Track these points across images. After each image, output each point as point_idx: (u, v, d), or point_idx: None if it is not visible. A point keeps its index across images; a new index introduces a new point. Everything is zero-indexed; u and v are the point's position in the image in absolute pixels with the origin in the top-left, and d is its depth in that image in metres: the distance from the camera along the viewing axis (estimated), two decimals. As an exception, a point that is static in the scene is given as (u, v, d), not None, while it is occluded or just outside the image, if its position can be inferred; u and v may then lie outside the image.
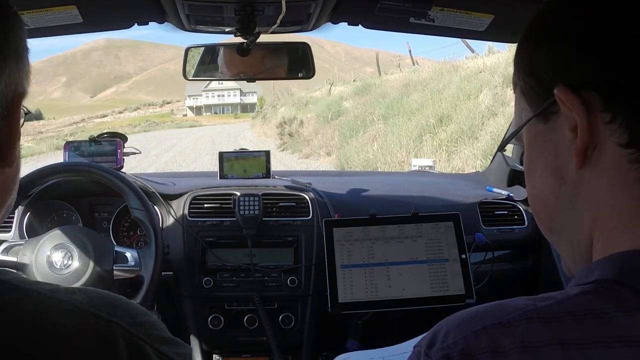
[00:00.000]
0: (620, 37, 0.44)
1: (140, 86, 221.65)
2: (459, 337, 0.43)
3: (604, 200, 0.46)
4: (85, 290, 0.52)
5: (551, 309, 0.42)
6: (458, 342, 0.42)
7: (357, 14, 1.27)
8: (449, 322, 0.45)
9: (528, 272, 1.71)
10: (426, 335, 0.46)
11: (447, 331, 0.44)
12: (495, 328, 0.42)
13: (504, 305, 0.44)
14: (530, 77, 0.50)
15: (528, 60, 0.51)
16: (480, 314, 0.44)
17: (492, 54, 10.97)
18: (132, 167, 4.09)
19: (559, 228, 0.51)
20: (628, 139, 0.44)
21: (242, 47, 1.34)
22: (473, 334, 0.42)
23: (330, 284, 1.42)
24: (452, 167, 7.43)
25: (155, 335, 0.52)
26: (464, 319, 0.44)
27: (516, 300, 0.44)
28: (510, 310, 0.43)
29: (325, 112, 14.96)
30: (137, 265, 1.39)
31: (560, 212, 0.50)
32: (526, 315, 0.42)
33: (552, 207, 0.50)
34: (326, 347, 1.50)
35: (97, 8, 1.19)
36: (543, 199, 0.51)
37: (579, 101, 0.45)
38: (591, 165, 0.46)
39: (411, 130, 9.19)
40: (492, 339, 0.41)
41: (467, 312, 0.45)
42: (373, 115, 11.82)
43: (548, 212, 0.51)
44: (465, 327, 0.43)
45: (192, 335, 1.55)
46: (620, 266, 0.43)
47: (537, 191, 0.52)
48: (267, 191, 1.64)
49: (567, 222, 0.50)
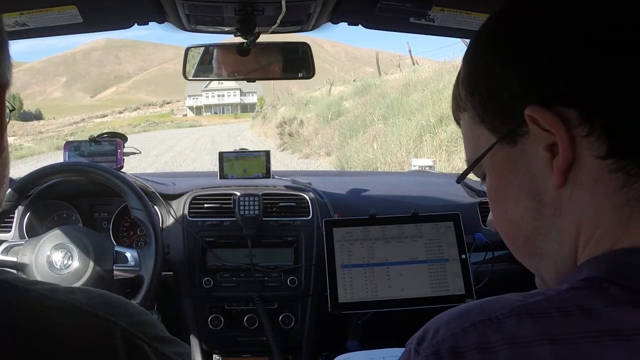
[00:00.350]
0: (589, 45, 0.43)
1: (140, 86, 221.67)
2: (448, 334, 0.43)
3: (586, 214, 0.45)
4: (84, 290, 0.52)
5: (540, 305, 0.42)
6: (447, 339, 0.42)
7: (357, 14, 1.27)
8: (439, 319, 0.45)
9: (528, 272, 1.70)
10: (417, 332, 0.46)
11: (437, 328, 0.44)
12: (484, 324, 0.42)
13: (493, 301, 0.44)
14: (489, 101, 0.48)
15: (484, 82, 0.48)
16: (469, 310, 0.44)
17: (492, 54, 10.96)
18: (132, 167, 4.09)
19: (539, 252, 0.50)
20: (607, 150, 0.43)
21: (242, 47, 1.34)
22: (462, 331, 0.42)
23: (330, 284, 1.42)
24: (452, 167, 7.43)
25: (153, 335, 0.52)
26: (454, 316, 0.44)
27: (505, 297, 0.44)
28: (499, 307, 0.43)
29: (325, 112, 14.97)
30: (137, 265, 1.39)
31: (541, 235, 0.48)
32: (515, 311, 0.42)
33: (532, 231, 0.49)
34: (326, 347, 1.50)
35: (97, 8, 1.19)
36: (519, 224, 0.50)
37: (556, 119, 0.44)
38: (571, 182, 0.45)
39: (411, 130, 9.20)
40: (480, 335, 0.41)
41: (457, 309, 0.45)
42: (373, 115, 11.83)
43: (527, 237, 0.50)
44: (455, 324, 0.43)
45: (192, 335, 1.55)
46: (608, 265, 0.43)
47: (511, 216, 0.50)
48: (267, 191, 1.64)
49: (549, 244, 0.48)
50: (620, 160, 0.43)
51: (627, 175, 0.43)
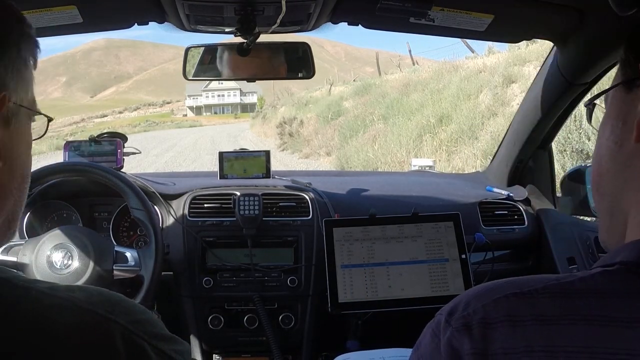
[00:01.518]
0: None
1: (140, 86, 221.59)
2: (479, 305, 0.44)
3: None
4: (84, 288, 0.52)
5: (574, 285, 0.43)
6: (478, 311, 0.43)
7: (357, 14, 1.27)
8: (470, 293, 0.47)
9: (528, 272, 1.71)
10: (447, 305, 0.47)
11: (468, 301, 0.45)
12: (517, 296, 0.43)
13: (527, 277, 0.46)
14: (629, 50, 0.53)
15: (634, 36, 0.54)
16: (502, 284, 0.45)
17: (492, 54, 10.97)
18: (132, 167, 4.08)
19: (605, 191, 0.53)
20: None
21: (242, 47, 1.34)
22: (493, 302, 0.43)
23: (330, 284, 1.42)
24: (452, 167, 7.43)
25: (153, 333, 0.52)
26: (485, 289, 0.46)
27: (540, 275, 0.46)
28: (533, 283, 0.44)
29: (325, 112, 14.96)
30: (137, 265, 1.39)
31: (611, 176, 0.52)
32: (548, 289, 0.43)
33: (605, 169, 0.52)
34: (326, 347, 1.50)
35: (97, 8, 1.19)
36: (600, 160, 0.53)
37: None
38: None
39: (411, 130, 9.20)
40: (511, 307, 0.42)
41: (489, 283, 0.47)
42: (373, 115, 11.82)
43: (601, 173, 0.53)
44: (487, 296, 0.44)
45: (192, 335, 1.55)
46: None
47: (598, 151, 0.54)
48: (267, 191, 1.64)
49: (613, 188, 0.51)
50: None
51: None
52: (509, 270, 1.70)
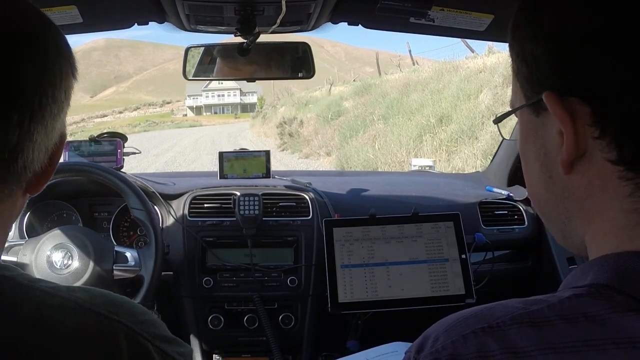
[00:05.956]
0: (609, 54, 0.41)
1: (140, 86, 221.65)
2: (448, 341, 0.42)
3: (594, 208, 0.45)
4: (86, 289, 0.52)
5: (542, 313, 0.41)
6: (447, 347, 0.42)
7: (357, 14, 1.27)
8: (438, 326, 0.45)
9: (528, 271, 1.71)
10: (417, 340, 0.45)
11: (437, 336, 0.43)
12: (484, 332, 0.41)
13: (494, 308, 0.43)
14: (523, 65, 0.47)
15: (522, 46, 0.47)
16: (469, 317, 0.43)
17: (492, 54, 10.96)
18: (132, 167, 4.09)
19: (551, 219, 0.51)
20: (616, 157, 0.42)
21: (242, 47, 1.34)
22: (462, 338, 0.42)
23: (330, 284, 1.42)
24: (452, 167, 7.42)
25: (156, 334, 0.52)
26: (453, 322, 0.44)
27: (506, 303, 0.43)
28: (499, 314, 0.42)
29: (325, 112, 14.97)
30: (137, 265, 1.39)
31: (552, 206, 0.49)
32: (516, 320, 0.41)
33: (544, 199, 0.50)
34: (326, 347, 1.50)
35: (97, 8, 1.19)
36: (534, 187, 0.51)
37: (565, 113, 0.43)
38: (580, 174, 0.45)
39: (411, 130, 9.20)
40: (480, 343, 0.41)
41: (457, 315, 0.45)
42: (373, 115, 11.83)
43: (540, 203, 0.51)
44: (455, 331, 0.43)
45: (192, 335, 1.55)
46: (613, 270, 0.42)
47: (529, 177, 0.51)
48: (267, 191, 1.64)
49: (558, 216, 0.49)
50: (629, 171, 0.42)
51: (635, 186, 0.42)
52: (509, 270, 1.70)
